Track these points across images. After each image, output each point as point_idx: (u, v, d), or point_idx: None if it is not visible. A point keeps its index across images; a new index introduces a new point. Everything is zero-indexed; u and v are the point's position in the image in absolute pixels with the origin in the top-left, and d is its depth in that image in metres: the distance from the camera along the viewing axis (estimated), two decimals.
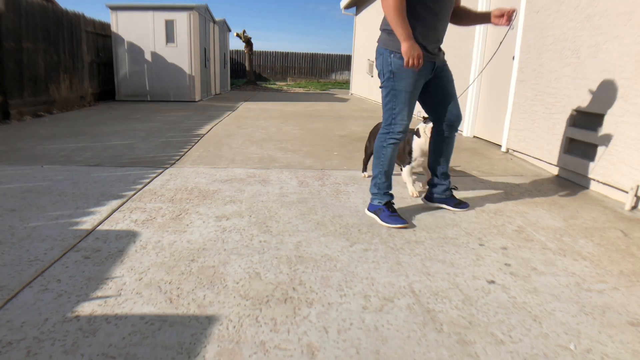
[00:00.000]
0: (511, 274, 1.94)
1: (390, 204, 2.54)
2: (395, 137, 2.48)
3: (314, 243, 2.21)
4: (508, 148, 4.62)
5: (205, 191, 3.05)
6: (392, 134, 2.48)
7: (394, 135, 2.48)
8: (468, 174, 3.71)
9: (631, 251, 2.22)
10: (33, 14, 6.92)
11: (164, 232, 2.30)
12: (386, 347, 1.41)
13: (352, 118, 7.36)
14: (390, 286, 1.80)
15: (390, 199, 2.56)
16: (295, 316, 1.57)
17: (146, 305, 1.62)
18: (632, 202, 2.87)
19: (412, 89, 2.42)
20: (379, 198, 2.55)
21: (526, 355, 1.39)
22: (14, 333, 1.43)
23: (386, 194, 2.55)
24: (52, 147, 4.40)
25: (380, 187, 2.55)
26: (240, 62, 22.60)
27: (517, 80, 4.44)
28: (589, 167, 3.34)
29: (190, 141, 4.95)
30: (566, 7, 3.68)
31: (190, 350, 1.37)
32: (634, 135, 2.93)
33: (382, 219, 2.48)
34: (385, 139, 2.50)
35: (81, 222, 2.41)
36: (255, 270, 1.91)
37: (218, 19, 12.83)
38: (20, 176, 3.31)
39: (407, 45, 2.25)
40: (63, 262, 1.94)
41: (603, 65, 3.23)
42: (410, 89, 2.41)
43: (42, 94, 7.21)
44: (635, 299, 1.74)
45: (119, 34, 9.74)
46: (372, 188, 2.59)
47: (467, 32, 5.67)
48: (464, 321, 1.56)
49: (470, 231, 2.43)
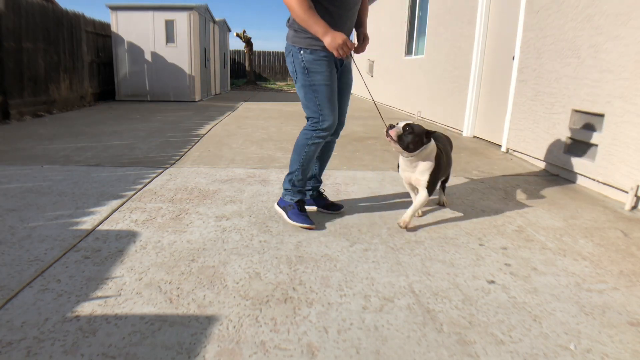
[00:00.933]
0: (511, 274, 1.94)
1: (301, 202, 2.49)
2: (321, 135, 2.36)
3: (314, 243, 2.21)
4: (508, 148, 4.62)
5: (205, 191, 3.05)
6: (319, 131, 2.35)
7: (321, 133, 2.36)
8: (468, 173, 3.71)
9: (631, 251, 2.22)
10: (33, 14, 6.92)
11: (164, 232, 2.30)
12: (386, 347, 1.41)
13: (352, 118, 7.36)
14: (390, 286, 1.80)
15: (303, 197, 2.51)
16: (295, 316, 1.57)
17: (146, 305, 1.62)
18: (632, 202, 2.87)
19: (330, 82, 2.32)
20: (292, 195, 2.48)
21: (526, 355, 1.39)
22: (14, 333, 1.43)
23: (300, 192, 2.49)
24: (52, 147, 4.40)
25: (295, 184, 2.47)
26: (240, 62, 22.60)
27: (517, 80, 4.44)
28: (589, 167, 3.34)
29: (190, 141, 4.95)
30: (566, 7, 3.68)
31: (190, 350, 1.37)
32: (634, 135, 2.93)
33: (290, 216, 2.43)
34: (311, 136, 2.37)
35: (81, 222, 2.41)
36: (255, 270, 1.91)
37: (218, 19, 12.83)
38: (20, 176, 3.31)
39: (329, 39, 2.16)
40: (63, 262, 1.93)
41: (603, 65, 3.23)
42: (328, 81, 2.32)
43: (42, 94, 7.21)
44: (635, 299, 1.74)
45: (119, 34, 9.74)
46: (286, 183, 2.48)
47: (467, 32, 5.67)
48: (464, 321, 1.56)
49: (470, 231, 2.43)
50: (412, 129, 2.29)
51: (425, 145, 2.33)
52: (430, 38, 7.24)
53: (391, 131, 2.29)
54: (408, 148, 2.30)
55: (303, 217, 2.40)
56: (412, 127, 2.29)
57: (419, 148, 2.32)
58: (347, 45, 2.19)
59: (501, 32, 5.01)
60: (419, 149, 2.32)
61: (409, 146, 2.29)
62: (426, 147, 2.34)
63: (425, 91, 7.37)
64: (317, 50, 2.29)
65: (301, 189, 2.49)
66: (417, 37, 8.17)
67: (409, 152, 2.33)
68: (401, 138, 2.29)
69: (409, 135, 2.28)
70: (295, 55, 2.34)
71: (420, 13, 8.00)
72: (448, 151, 2.66)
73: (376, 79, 11.21)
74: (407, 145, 2.29)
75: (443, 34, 6.67)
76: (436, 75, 6.91)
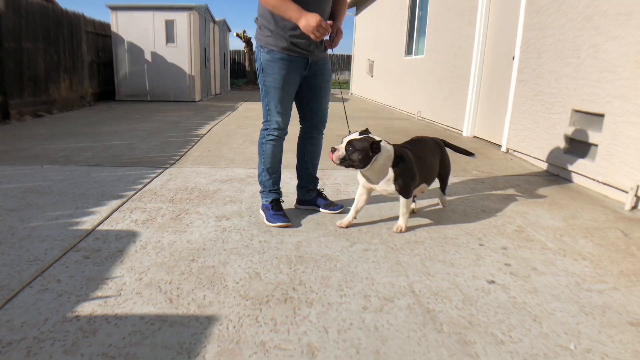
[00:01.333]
0: (511, 274, 1.94)
1: (276, 201, 2.50)
2: (273, 134, 2.42)
3: (314, 243, 2.21)
4: (508, 148, 4.62)
5: (205, 191, 3.05)
6: (269, 130, 2.42)
7: (271, 132, 2.42)
8: (468, 173, 3.71)
9: (631, 251, 2.22)
10: (33, 14, 6.92)
11: (164, 232, 2.30)
12: (386, 347, 1.41)
13: (352, 118, 7.36)
14: (390, 286, 1.80)
15: (277, 197, 2.52)
16: (295, 316, 1.57)
17: (146, 305, 1.62)
18: (632, 202, 2.87)
19: (282, 85, 2.32)
20: (265, 197, 2.53)
21: (526, 355, 1.39)
22: (14, 333, 1.43)
23: (272, 191, 2.52)
24: (52, 147, 4.40)
25: (265, 184, 2.52)
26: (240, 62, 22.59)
27: (517, 80, 4.44)
28: (589, 167, 3.34)
29: (190, 141, 4.95)
30: (566, 7, 3.68)
31: (190, 350, 1.37)
32: (634, 135, 2.93)
33: (267, 218, 2.44)
34: (263, 135, 2.46)
35: (81, 222, 2.41)
36: (255, 270, 1.91)
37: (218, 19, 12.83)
38: (20, 176, 3.31)
39: (303, 21, 2.11)
40: (63, 262, 1.93)
41: (603, 65, 3.23)
42: (278, 85, 2.31)
43: (42, 94, 7.21)
44: (635, 299, 1.74)
45: (119, 34, 9.74)
46: (260, 186, 2.57)
47: (467, 32, 5.67)
48: (464, 321, 1.56)
49: (470, 231, 2.43)
50: (353, 146, 2.18)
51: (375, 157, 2.22)
52: (430, 38, 7.24)
53: (333, 155, 2.22)
54: (356, 166, 2.23)
55: (277, 217, 2.42)
56: (353, 145, 2.19)
57: (368, 162, 2.21)
58: (322, 26, 2.11)
59: (501, 32, 5.01)
60: (369, 163, 2.22)
61: (356, 164, 2.21)
62: (377, 159, 2.22)
63: (425, 91, 7.37)
64: (273, 51, 2.28)
65: (272, 188, 2.53)
66: (417, 37, 8.17)
67: (360, 169, 2.26)
68: (345, 159, 2.21)
69: (352, 153, 2.19)
70: (257, 52, 2.38)
71: (420, 13, 8.00)
72: (425, 155, 2.46)
73: (376, 79, 11.21)
74: (354, 164, 2.21)
75: (443, 34, 6.67)
76: (436, 75, 6.91)
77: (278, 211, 2.46)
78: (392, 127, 6.48)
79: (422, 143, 2.56)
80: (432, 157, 2.53)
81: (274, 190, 2.53)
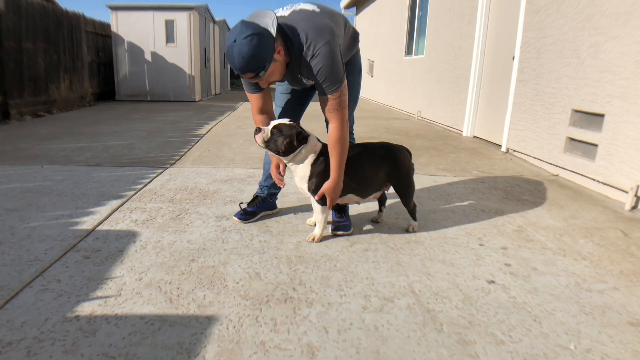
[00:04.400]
0: (511, 274, 1.94)
1: (255, 197, 2.57)
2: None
3: (314, 243, 2.21)
4: (508, 148, 4.62)
5: (205, 191, 3.05)
6: None
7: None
8: (468, 173, 3.71)
9: (631, 251, 2.22)
10: (33, 14, 6.92)
11: (164, 232, 2.30)
12: (386, 347, 1.41)
13: None
14: (390, 286, 1.80)
15: (258, 194, 2.58)
16: (295, 316, 1.57)
17: (146, 305, 1.62)
18: (632, 202, 2.87)
19: (282, 89, 2.42)
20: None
21: (526, 355, 1.39)
22: (14, 333, 1.43)
23: (260, 187, 2.61)
24: (52, 147, 4.40)
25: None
26: None
27: (517, 80, 4.44)
28: (589, 167, 3.34)
29: (190, 141, 4.95)
30: (566, 7, 3.68)
31: (190, 350, 1.37)
32: (634, 135, 2.93)
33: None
34: None
35: (81, 222, 2.41)
36: (255, 270, 1.91)
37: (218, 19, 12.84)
38: (20, 176, 3.31)
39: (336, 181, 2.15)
40: (63, 262, 1.93)
41: (603, 65, 3.23)
42: (279, 89, 2.44)
43: (42, 94, 7.21)
44: (635, 299, 1.74)
45: (119, 34, 9.74)
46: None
47: (467, 32, 5.67)
48: (464, 321, 1.56)
49: (470, 231, 2.43)
50: (280, 130, 2.08)
51: (300, 149, 2.11)
52: (430, 38, 7.24)
53: (257, 136, 2.11)
54: (279, 152, 2.11)
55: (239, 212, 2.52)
56: (280, 129, 2.08)
57: (291, 151, 2.11)
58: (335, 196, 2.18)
59: (501, 32, 5.01)
60: (292, 153, 2.11)
61: (280, 150, 2.10)
62: (300, 152, 2.12)
63: (425, 91, 7.37)
64: None
65: (262, 184, 2.60)
66: (417, 37, 8.17)
67: (282, 156, 2.15)
68: (269, 142, 2.10)
69: (278, 137, 2.08)
70: None
71: (420, 13, 8.00)
72: (361, 162, 2.21)
73: (376, 79, 11.21)
74: (278, 149, 2.10)
75: (443, 34, 6.67)
76: (436, 75, 6.91)
77: (248, 207, 2.52)
78: (391, 127, 6.48)
79: (364, 148, 2.28)
80: (371, 166, 2.23)
81: (261, 185, 2.59)
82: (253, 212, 2.50)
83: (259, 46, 1.79)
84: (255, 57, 1.81)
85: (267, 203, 2.57)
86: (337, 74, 1.93)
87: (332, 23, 2.01)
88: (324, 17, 2.01)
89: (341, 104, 1.98)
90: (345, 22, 2.16)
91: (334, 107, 1.98)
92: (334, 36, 1.94)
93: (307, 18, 1.98)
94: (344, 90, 1.97)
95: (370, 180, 2.24)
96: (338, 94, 1.95)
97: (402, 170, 2.28)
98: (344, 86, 1.97)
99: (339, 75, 1.94)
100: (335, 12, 2.14)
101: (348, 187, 2.19)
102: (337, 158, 2.05)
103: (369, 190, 2.27)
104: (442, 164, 4.05)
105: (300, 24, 1.94)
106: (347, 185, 2.18)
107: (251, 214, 2.50)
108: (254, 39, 1.78)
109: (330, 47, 1.90)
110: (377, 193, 2.32)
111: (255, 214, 2.51)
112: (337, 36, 1.96)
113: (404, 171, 2.29)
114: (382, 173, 2.25)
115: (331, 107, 1.99)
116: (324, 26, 1.95)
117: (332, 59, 1.90)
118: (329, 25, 1.97)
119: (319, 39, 1.89)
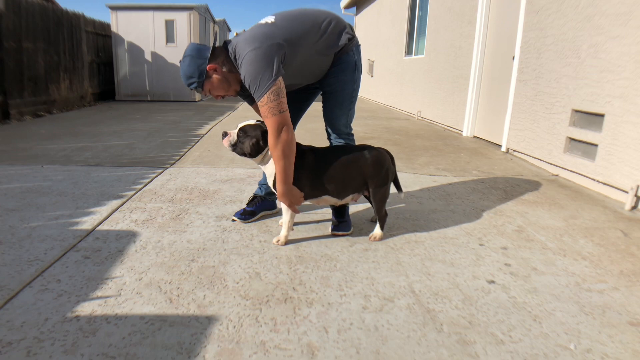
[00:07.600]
0: (511, 274, 1.94)
1: (253, 196, 2.58)
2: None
3: (314, 243, 2.21)
4: (508, 148, 4.62)
5: (205, 191, 3.05)
6: None
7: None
8: (468, 173, 3.71)
9: (631, 251, 2.22)
10: (33, 14, 6.92)
11: (164, 232, 2.30)
12: (386, 347, 1.41)
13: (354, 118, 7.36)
14: (390, 286, 1.80)
15: (256, 193, 2.58)
16: (295, 316, 1.57)
17: (146, 305, 1.62)
18: (632, 202, 2.87)
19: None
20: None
21: (526, 355, 1.39)
22: (14, 333, 1.43)
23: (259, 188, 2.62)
24: (52, 147, 4.40)
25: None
26: None
27: (517, 80, 4.44)
28: (589, 167, 3.34)
29: (190, 141, 4.95)
30: (566, 7, 3.68)
31: (190, 350, 1.37)
32: (634, 135, 2.93)
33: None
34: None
35: (81, 222, 2.41)
36: (255, 270, 1.91)
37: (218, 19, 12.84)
38: (20, 176, 3.31)
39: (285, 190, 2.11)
40: (63, 262, 1.93)
41: (603, 65, 3.23)
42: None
43: (42, 94, 7.21)
44: (635, 299, 1.74)
45: (119, 34, 9.74)
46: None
47: (467, 32, 5.67)
48: (464, 321, 1.56)
49: (470, 231, 2.43)
50: (245, 132, 2.11)
51: (267, 150, 2.11)
52: (430, 38, 7.24)
53: (224, 140, 2.14)
54: (245, 154, 2.13)
55: (240, 212, 2.52)
56: (245, 130, 2.11)
57: (258, 152, 2.13)
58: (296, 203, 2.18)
59: (501, 32, 5.01)
60: (260, 154, 2.13)
61: (246, 152, 2.12)
62: (267, 152, 2.13)
63: (425, 91, 7.37)
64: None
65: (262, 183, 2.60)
66: (417, 37, 8.17)
67: (250, 158, 2.16)
68: (236, 145, 2.13)
69: (244, 139, 2.11)
70: None
71: (420, 13, 8.00)
72: (333, 162, 2.16)
73: (376, 79, 11.21)
74: (244, 151, 2.13)
75: (443, 34, 6.67)
76: (436, 75, 6.91)
77: (247, 206, 2.52)
78: (391, 127, 6.48)
79: (341, 150, 2.24)
80: (343, 167, 2.16)
81: (260, 184, 2.59)
82: (252, 212, 2.50)
83: (190, 66, 2.01)
84: (186, 75, 2.03)
85: (267, 202, 2.57)
86: (261, 79, 1.91)
87: (281, 30, 2.00)
88: (268, 27, 2.02)
89: (271, 110, 1.94)
90: (324, 21, 2.13)
91: (264, 114, 1.96)
92: (267, 42, 1.94)
93: (248, 32, 2.04)
94: (271, 96, 1.92)
95: (346, 182, 2.18)
96: (265, 99, 1.93)
97: (375, 175, 2.19)
98: (271, 92, 1.92)
99: (263, 81, 1.91)
100: (302, 15, 2.12)
101: (323, 189, 2.17)
102: (277, 166, 2.04)
103: (345, 191, 2.21)
104: (442, 164, 4.05)
105: (240, 39, 2.01)
106: (322, 186, 2.16)
107: (251, 214, 2.50)
108: (185, 60, 2.03)
109: (255, 53, 1.91)
110: (356, 195, 2.26)
111: (254, 213, 2.51)
112: (274, 41, 1.95)
113: (378, 176, 2.20)
114: (358, 175, 2.18)
115: (263, 114, 1.98)
116: (256, 35, 1.98)
117: (255, 65, 1.91)
118: (264, 32, 1.98)
119: (245, 48, 1.95)
